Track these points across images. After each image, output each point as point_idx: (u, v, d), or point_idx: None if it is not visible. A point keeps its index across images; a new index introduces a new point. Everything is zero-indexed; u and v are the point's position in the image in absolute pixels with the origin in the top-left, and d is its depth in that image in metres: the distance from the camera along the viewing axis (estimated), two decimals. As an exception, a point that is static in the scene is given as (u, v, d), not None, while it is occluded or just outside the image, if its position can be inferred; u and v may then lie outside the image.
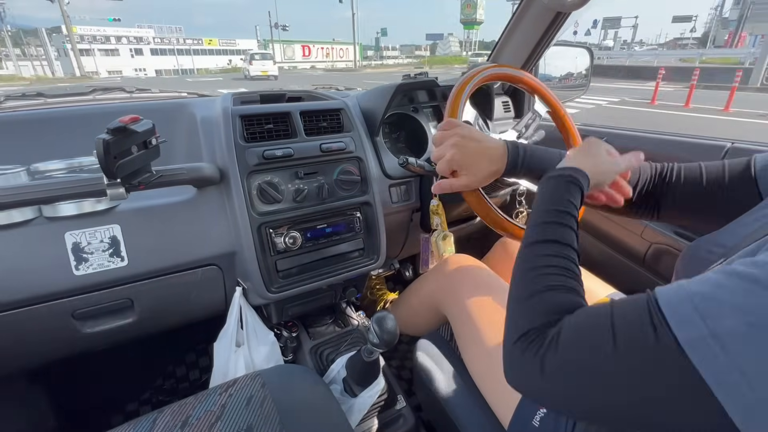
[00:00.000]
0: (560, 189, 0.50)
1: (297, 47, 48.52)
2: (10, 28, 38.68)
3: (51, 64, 32.51)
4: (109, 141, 0.53)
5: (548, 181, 0.53)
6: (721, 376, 0.28)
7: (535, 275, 0.43)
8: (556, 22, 1.12)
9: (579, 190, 0.51)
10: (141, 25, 41.57)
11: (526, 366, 0.37)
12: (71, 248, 0.67)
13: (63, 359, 0.81)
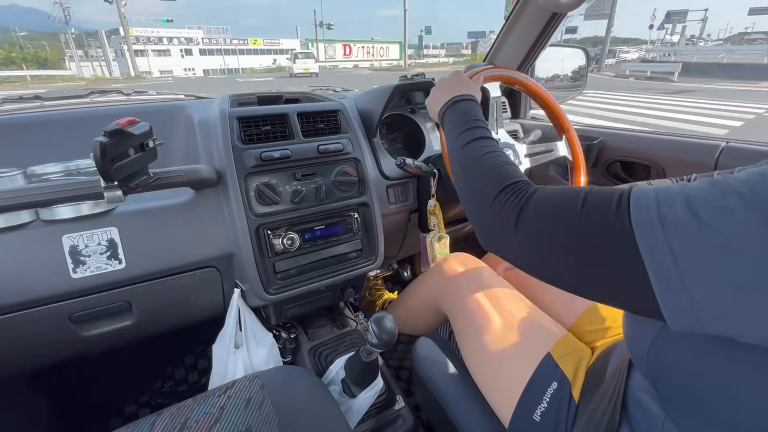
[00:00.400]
0: (454, 110, 0.57)
1: (338, 46, 48.82)
2: (74, 30, 41.30)
3: (109, 65, 34.54)
4: (106, 143, 0.53)
5: (445, 114, 0.59)
6: (654, 251, 0.30)
7: (484, 159, 0.47)
8: (552, 22, 1.12)
9: (465, 101, 0.58)
10: (191, 26, 43.20)
11: (500, 224, 0.40)
12: (68, 251, 0.67)
13: (61, 362, 0.81)
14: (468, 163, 0.49)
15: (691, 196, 0.30)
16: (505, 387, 0.66)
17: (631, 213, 0.33)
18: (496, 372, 0.69)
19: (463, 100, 0.58)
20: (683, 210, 0.30)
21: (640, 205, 0.33)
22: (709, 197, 0.29)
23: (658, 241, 0.30)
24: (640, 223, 0.32)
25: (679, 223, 0.30)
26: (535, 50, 1.21)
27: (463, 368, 0.77)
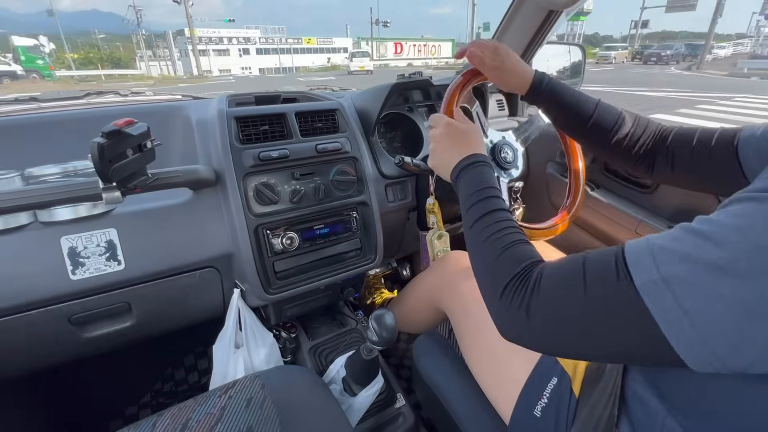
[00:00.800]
0: (469, 176, 0.57)
1: (389, 44, 48.39)
2: (144, 32, 44.25)
3: (174, 64, 36.35)
4: (104, 144, 0.53)
5: (458, 179, 0.59)
6: (667, 314, 0.32)
7: (492, 242, 0.47)
8: (549, 20, 1.12)
9: (479, 165, 0.58)
10: (249, 26, 43.68)
11: (514, 315, 0.41)
12: (67, 253, 0.67)
13: (61, 364, 0.81)
14: (477, 246, 0.49)
15: (687, 253, 0.32)
16: (505, 383, 0.66)
17: (633, 278, 0.34)
18: (496, 369, 0.69)
19: (475, 164, 0.58)
20: (684, 268, 0.32)
21: (640, 268, 0.34)
22: (705, 252, 0.31)
23: (669, 304, 0.31)
24: (646, 288, 0.33)
25: (683, 282, 0.31)
26: (533, 47, 1.21)
27: (463, 366, 0.77)
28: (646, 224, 0.93)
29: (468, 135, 0.64)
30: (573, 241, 1.17)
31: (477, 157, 0.59)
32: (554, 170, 1.18)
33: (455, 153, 0.61)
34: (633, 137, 0.67)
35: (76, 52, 49.81)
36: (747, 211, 0.32)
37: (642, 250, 0.35)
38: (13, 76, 21.47)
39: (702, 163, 0.59)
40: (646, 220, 0.93)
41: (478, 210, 0.52)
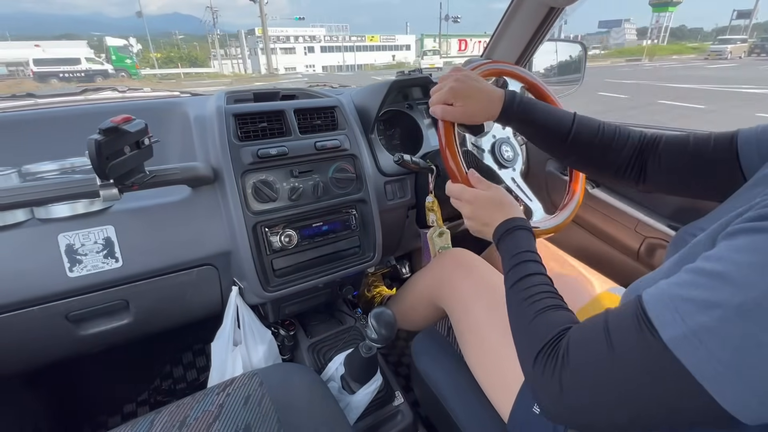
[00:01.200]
0: (514, 238, 0.57)
1: (453, 41, 47.47)
2: (219, 32, 46.92)
3: (245, 63, 38.52)
4: (101, 141, 0.53)
5: (500, 243, 0.59)
6: (705, 368, 0.31)
7: (525, 306, 0.48)
8: (550, 17, 1.12)
9: (516, 230, 0.58)
10: (314, 24, 44.74)
11: (548, 388, 0.40)
12: (65, 250, 0.67)
13: (59, 361, 0.81)
14: (514, 308, 0.50)
15: (710, 300, 0.31)
16: (504, 381, 0.66)
17: (660, 333, 0.33)
18: (494, 366, 0.69)
19: (512, 229, 0.58)
20: (710, 317, 0.31)
21: (665, 321, 0.33)
22: (727, 296, 0.30)
23: (705, 358, 0.30)
24: (676, 343, 0.32)
25: (714, 333, 0.30)
26: (533, 45, 1.21)
27: (461, 364, 0.77)
28: (646, 223, 0.93)
29: (498, 201, 0.63)
30: (573, 239, 1.17)
31: (513, 222, 0.59)
32: (554, 168, 1.18)
33: (492, 221, 0.61)
34: (616, 148, 0.64)
35: (158, 51, 53.52)
36: (757, 245, 0.31)
37: (662, 302, 0.34)
38: (104, 75, 22.91)
39: (702, 168, 0.58)
40: (646, 219, 0.93)
41: (516, 273, 0.52)
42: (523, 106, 0.65)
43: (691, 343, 0.31)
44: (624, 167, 0.65)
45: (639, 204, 0.98)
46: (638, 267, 0.99)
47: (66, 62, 21.79)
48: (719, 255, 0.33)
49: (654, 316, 0.34)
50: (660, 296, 0.35)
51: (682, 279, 0.35)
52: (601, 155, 0.65)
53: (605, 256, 1.08)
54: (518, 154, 0.86)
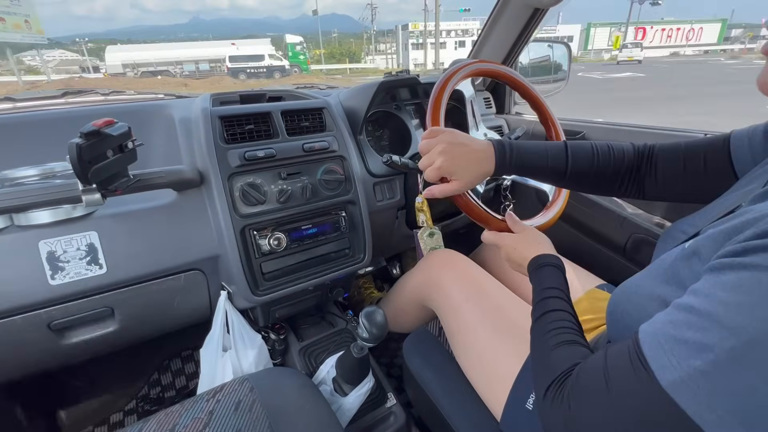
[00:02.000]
0: (541, 274, 0.59)
1: (629, 30, 39.51)
2: (375, 28, 50.47)
3: (399, 58, 39.65)
4: (83, 145, 0.51)
5: (531, 277, 0.61)
6: (702, 411, 0.31)
7: (545, 339, 0.49)
8: (535, 18, 1.13)
9: (549, 267, 0.60)
10: (466, 18, 42.04)
11: (554, 421, 0.41)
12: (46, 257, 0.65)
13: (42, 372, 0.78)
14: (535, 340, 0.52)
15: (701, 342, 0.31)
16: (496, 379, 0.66)
17: (657, 376, 0.33)
18: (486, 365, 0.69)
19: (546, 265, 0.60)
20: (703, 361, 0.31)
21: (660, 364, 0.33)
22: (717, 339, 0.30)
23: (704, 402, 0.30)
24: (674, 387, 0.32)
25: (708, 377, 0.30)
26: (519, 45, 1.22)
27: (453, 363, 0.77)
28: (632, 220, 0.94)
29: (532, 240, 0.66)
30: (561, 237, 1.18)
31: (543, 259, 0.61)
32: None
33: (527, 258, 0.63)
34: (612, 168, 0.65)
35: (323, 48, 57.63)
36: (743, 283, 0.31)
37: (657, 342, 0.34)
38: (282, 71, 24.48)
39: (696, 173, 0.59)
40: (631, 216, 0.95)
41: (542, 308, 0.54)
42: (515, 159, 0.63)
43: (689, 387, 0.31)
44: (622, 184, 0.66)
45: (624, 201, 1.00)
46: (625, 263, 1.00)
47: (253, 59, 24.35)
48: (706, 291, 0.33)
49: (650, 358, 0.34)
50: (655, 336, 0.35)
51: (675, 317, 0.34)
52: (598, 178, 0.66)
53: (593, 253, 1.09)
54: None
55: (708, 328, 0.31)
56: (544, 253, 0.62)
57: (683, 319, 0.33)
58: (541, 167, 0.65)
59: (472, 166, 0.62)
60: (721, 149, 0.56)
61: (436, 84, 0.75)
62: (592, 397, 0.37)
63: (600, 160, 0.64)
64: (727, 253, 0.33)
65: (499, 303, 0.75)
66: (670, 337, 0.33)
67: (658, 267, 0.45)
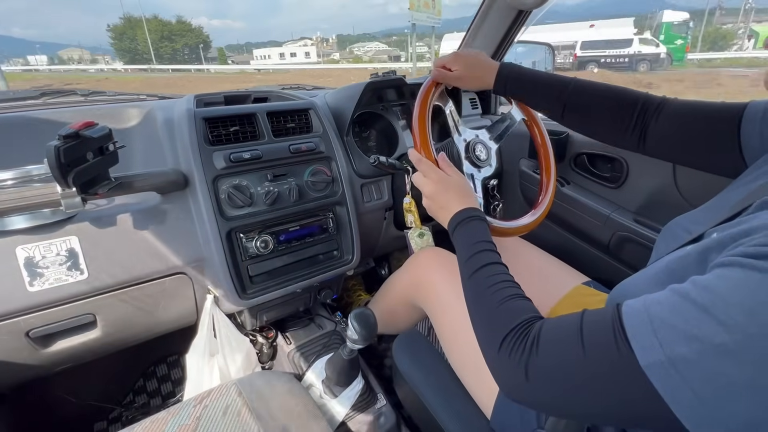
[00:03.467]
0: (467, 228, 0.57)
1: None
2: None
3: None
4: (61, 148, 0.50)
5: (456, 231, 0.59)
6: (677, 394, 0.31)
7: (488, 294, 0.48)
8: (519, 19, 1.15)
9: (474, 220, 0.58)
10: None
11: (513, 372, 0.40)
12: (23, 263, 0.63)
13: (22, 382, 0.76)
14: (474, 298, 0.50)
15: (691, 332, 0.31)
16: (486, 377, 0.66)
17: (636, 355, 0.33)
18: (476, 363, 0.70)
19: (470, 219, 0.58)
20: (690, 349, 0.31)
21: (643, 345, 0.33)
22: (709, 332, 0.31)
23: (679, 386, 0.31)
24: (653, 369, 0.32)
25: (692, 365, 0.31)
26: (504, 46, 1.24)
27: (443, 363, 0.78)
28: (614, 218, 0.96)
29: (461, 188, 0.63)
30: (547, 235, 1.20)
31: (472, 212, 0.59)
32: (527, 167, 1.21)
33: (451, 207, 0.61)
34: (618, 109, 0.64)
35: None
36: (750, 284, 0.30)
37: (641, 320, 0.34)
38: (654, 61, 17.09)
39: (699, 138, 0.57)
40: (614, 215, 0.96)
41: (474, 263, 0.52)
42: (516, 73, 0.71)
43: (667, 371, 0.31)
44: (625, 129, 0.64)
45: (607, 200, 1.02)
46: (609, 260, 1.02)
47: (615, 44, 17.65)
48: (709, 285, 0.32)
49: (632, 335, 0.34)
50: (640, 313, 0.34)
51: (668, 300, 0.34)
52: (601, 116, 0.65)
53: (578, 251, 1.11)
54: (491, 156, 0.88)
55: (701, 320, 0.31)
56: (473, 207, 0.61)
57: (677, 305, 0.33)
58: (540, 87, 0.69)
59: (480, 69, 0.75)
60: (733, 117, 0.53)
61: (422, 85, 0.76)
62: (562, 359, 0.38)
63: (606, 96, 0.65)
64: (739, 252, 0.33)
65: None
66: (656, 317, 0.33)
67: (659, 267, 0.45)
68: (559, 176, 1.12)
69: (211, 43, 61.03)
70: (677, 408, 0.31)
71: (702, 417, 0.31)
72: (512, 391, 0.42)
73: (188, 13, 58.57)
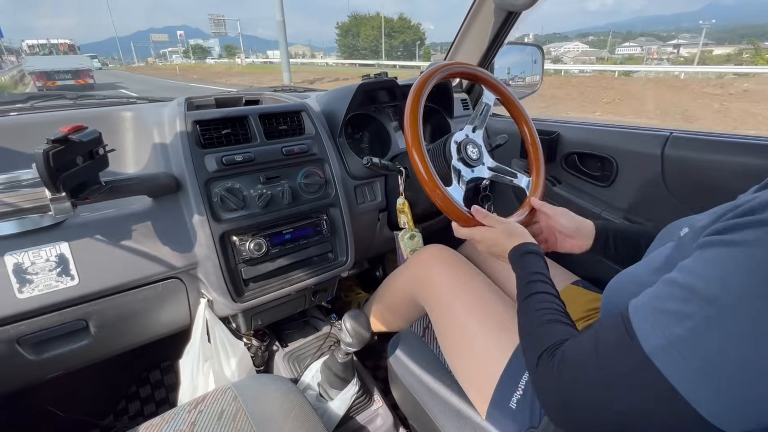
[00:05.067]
0: (524, 261, 0.62)
1: None
2: None
3: None
4: (50, 152, 0.49)
5: (514, 266, 0.64)
6: (681, 375, 0.33)
7: (535, 317, 0.53)
8: (508, 21, 1.16)
9: (531, 254, 0.63)
10: None
11: (548, 378, 0.44)
12: (12, 270, 0.62)
13: (12, 391, 0.75)
14: (523, 317, 0.55)
15: (681, 311, 0.34)
16: (481, 376, 0.67)
17: (641, 343, 0.35)
18: (473, 361, 0.70)
19: (527, 252, 0.63)
20: (682, 327, 0.34)
21: (645, 333, 0.36)
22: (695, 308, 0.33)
23: (680, 365, 0.33)
24: (655, 352, 0.34)
25: (686, 342, 0.33)
26: (494, 48, 1.25)
27: (438, 363, 0.78)
28: (605, 217, 0.97)
29: (507, 233, 0.68)
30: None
31: (524, 248, 0.64)
32: (518, 167, 1.22)
33: (506, 250, 0.66)
34: None
35: None
36: (721, 259, 0.34)
37: (643, 314, 0.37)
38: None
39: None
40: (604, 213, 0.98)
41: (529, 289, 0.57)
42: (614, 237, 0.74)
43: (668, 352, 0.34)
44: (624, 254, 0.72)
45: (598, 199, 1.03)
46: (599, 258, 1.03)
47: None
48: (690, 267, 0.36)
49: (637, 329, 0.37)
50: (642, 308, 0.38)
51: (661, 291, 0.38)
52: None
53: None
54: (483, 155, 0.88)
55: (688, 299, 0.34)
56: (525, 242, 0.65)
57: (667, 292, 0.37)
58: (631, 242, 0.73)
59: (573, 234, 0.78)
60: None
61: (413, 86, 0.76)
62: (582, 364, 0.40)
63: None
64: (712, 231, 0.36)
65: (489, 300, 0.76)
66: (654, 308, 0.37)
67: (653, 258, 0.49)
68: (550, 176, 1.13)
69: (426, 41, 59.89)
70: (683, 388, 0.33)
71: (706, 394, 0.32)
72: (549, 398, 0.44)
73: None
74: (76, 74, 14.82)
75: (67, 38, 18.80)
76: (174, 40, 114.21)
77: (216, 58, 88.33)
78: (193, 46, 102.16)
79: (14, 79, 16.96)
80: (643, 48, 43.43)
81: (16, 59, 21.52)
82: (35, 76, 14.44)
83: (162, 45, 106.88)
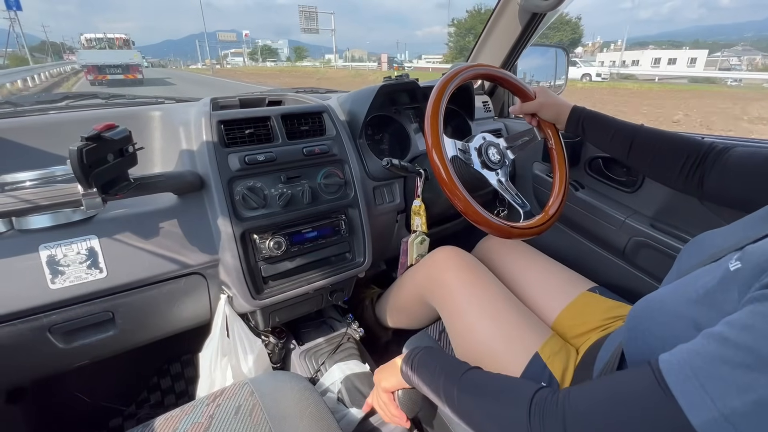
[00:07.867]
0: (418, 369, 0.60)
1: None
2: None
3: None
4: (84, 149, 0.51)
5: (411, 378, 0.62)
6: None
7: (482, 392, 0.48)
8: (533, 22, 1.14)
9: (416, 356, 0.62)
10: None
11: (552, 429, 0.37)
12: (46, 261, 0.65)
13: (42, 377, 0.78)
14: (472, 391, 0.49)
15: (742, 383, 0.29)
16: None
17: (687, 415, 0.30)
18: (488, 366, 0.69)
19: (413, 356, 0.62)
20: (744, 402, 0.28)
21: (693, 402, 0.30)
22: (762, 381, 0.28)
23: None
24: (707, 427, 0.29)
25: (749, 420, 0.28)
26: (517, 50, 1.23)
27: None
28: (630, 223, 0.94)
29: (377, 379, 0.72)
30: (558, 239, 1.18)
31: (417, 351, 0.64)
32: (540, 170, 1.20)
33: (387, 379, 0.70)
34: (678, 158, 0.67)
35: None
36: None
37: (685, 376, 0.31)
38: None
39: (760, 189, 0.56)
40: (629, 220, 0.95)
41: (456, 371, 0.54)
42: (588, 113, 0.81)
43: (725, 429, 0.29)
44: (684, 174, 0.67)
45: (623, 205, 1.00)
46: (622, 265, 1.00)
47: None
48: (746, 323, 0.30)
49: (678, 392, 0.31)
50: (681, 368, 0.32)
51: (707, 350, 0.32)
52: (662, 161, 0.70)
53: (589, 255, 1.09)
54: (505, 157, 0.87)
55: (750, 365, 0.29)
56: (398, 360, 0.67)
57: (717, 353, 0.31)
58: (613, 124, 0.77)
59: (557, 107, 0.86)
60: None
61: (434, 88, 0.76)
62: (599, 423, 0.35)
63: (670, 142, 0.70)
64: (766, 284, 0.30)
65: (504, 305, 0.75)
66: (700, 370, 0.31)
67: (687, 284, 0.42)
68: (574, 180, 1.11)
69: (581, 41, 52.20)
70: None
71: None
72: None
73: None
74: (126, 69, 15.21)
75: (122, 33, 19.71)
76: (240, 41, 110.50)
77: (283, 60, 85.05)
78: (261, 47, 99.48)
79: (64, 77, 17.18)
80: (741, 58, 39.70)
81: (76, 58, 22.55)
82: (87, 70, 14.86)
83: (229, 45, 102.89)
